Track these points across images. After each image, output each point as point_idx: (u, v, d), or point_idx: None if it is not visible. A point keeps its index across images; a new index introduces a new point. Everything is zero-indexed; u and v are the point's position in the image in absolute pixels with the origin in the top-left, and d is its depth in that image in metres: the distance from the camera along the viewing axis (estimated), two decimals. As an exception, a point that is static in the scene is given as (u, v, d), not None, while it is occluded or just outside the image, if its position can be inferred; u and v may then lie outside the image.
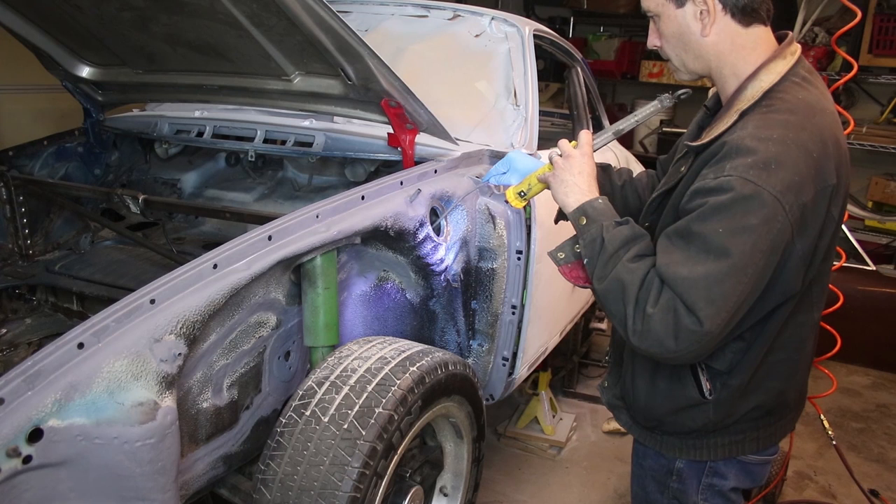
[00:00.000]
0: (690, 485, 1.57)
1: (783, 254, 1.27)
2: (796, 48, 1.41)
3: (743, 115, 1.35)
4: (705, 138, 1.39)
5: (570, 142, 1.60)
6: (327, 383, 1.67)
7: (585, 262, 1.43)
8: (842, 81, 3.34)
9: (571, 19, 6.64)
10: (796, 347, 1.46)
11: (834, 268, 2.90)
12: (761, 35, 1.40)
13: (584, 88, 3.48)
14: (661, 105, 1.59)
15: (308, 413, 1.62)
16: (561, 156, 1.57)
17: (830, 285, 2.87)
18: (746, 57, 1.39)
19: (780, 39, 1.42)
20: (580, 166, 1.52)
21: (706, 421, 1.47)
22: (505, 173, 1.80)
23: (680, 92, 1.59)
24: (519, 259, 2.31)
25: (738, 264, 1.22)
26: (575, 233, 1.48)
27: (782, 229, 1.23)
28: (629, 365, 1.57)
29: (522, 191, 1.75)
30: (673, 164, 1.54)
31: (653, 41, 1.50)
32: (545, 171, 1.63)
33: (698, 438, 1.51)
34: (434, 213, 2.09)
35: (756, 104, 1.35)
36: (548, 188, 1.61)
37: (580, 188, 1.50)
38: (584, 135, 1.57)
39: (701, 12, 1.37)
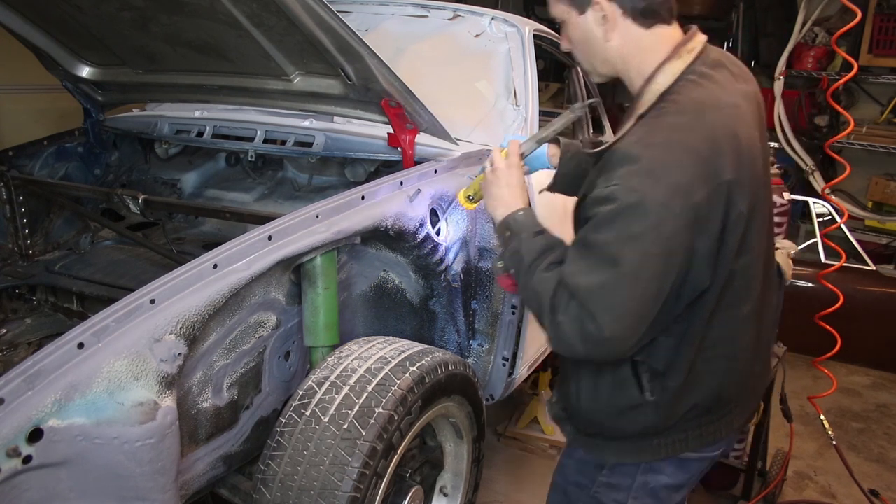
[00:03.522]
0: (623, 482, 1.54)
1: (685, 254, 1.28)
2: (696, 44, 1.40)
3: (640, 118, 1.37)
4: (604, 146, 1.41)
5: (502, 151, 1.61)
6: (327, 383, 1.67)
7: (512, 272, 1.47)
8: (842, 81, 3.34)
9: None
10: (728, 343, 1.45)
11: (834, 268, 2.92)
12: (664, 35, 1.40)
13: (584, 88, 3.48)
14: (574, 114, 1.61)
15: (308, 413, 1.62)
16: (492, 167, 1.59)
17: (830, 285, 2.90)
18: (648, 59, 1.39)
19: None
20: (506, 178, 1.55)
21: (647, 424, 1.46)
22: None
23: (590, 101, 1.65)
24: (519, 259, 2.31)
25: (630, 272, 1.25)
26: None
27: (674, 233, 1.25)
28: (573, 374, 1.56)
29: (470, 195, 1.78)
30: (591, 170, 1.52)
31: (564, 45, 1.53)
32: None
33: (640, 441, 1.50)
34: (434, 213, 2.09)
35: (651, 108, 1.35)
36: None
37: (505, 201, 1.53)
38: (511, 145, 1.59)
39: (602, 17, 1.39)
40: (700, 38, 1.41)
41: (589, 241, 1.30)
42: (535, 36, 2.83)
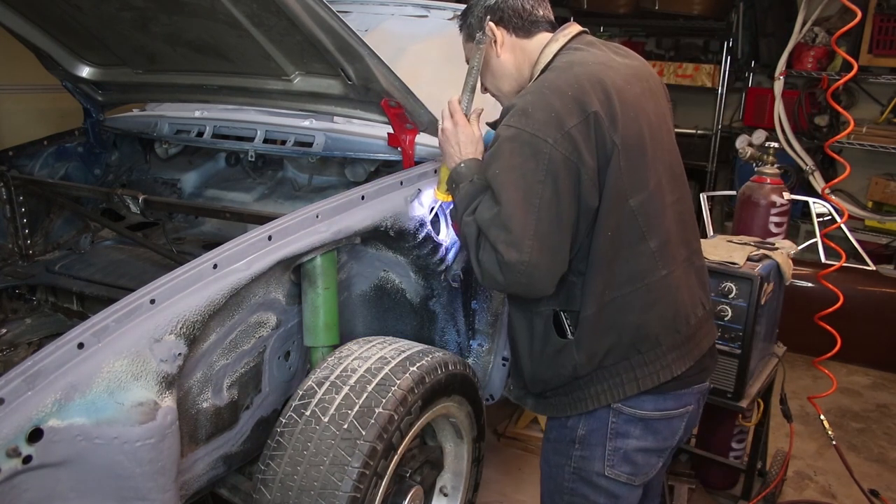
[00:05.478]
0: (595, 452, 1.60)
1: (571, 179, 1.43)
2: (571, 31, 1.66)
3: None
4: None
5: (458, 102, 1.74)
6: (327, 383, 1.67)
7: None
8: (842, 81, 3.33)
9: (571, 19, 6.63)
10: (640, 279, 1.53)
11: (834, 268, 2.92)
12: (546, 38, 1.66)
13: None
14: (479, 45, 1.70)
15: (308, 413, 1.62)
16: (441, 128, 1.76)
17: (830, 285, 2.90)
18: (534, 54, 1.66)
19: None
20: (454, 136, 1.71)
21: (575, 363, 1.54)
22: None
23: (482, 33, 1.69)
24: (519, 259, 2.31)
25: (516, 199, 1.40)
26: None
27: (553, 158, 1.41)
28: (515, 343, 1.67)
29: (445, 188, 1.83)
30: None
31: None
32: None
33: (580, 390, 1.58)
34: (434, 213, 2.09)
35: (537, 78, 1.59)
36: None
37: (453, 158, 1.70)
38: (451, 104, 1.75)
39: (493, 41, 1.67)
40: (574, 28, 1.68)
41: (486, 180, 1.49)
42: (535, 36, 2.82)
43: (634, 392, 1.55)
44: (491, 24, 1.67)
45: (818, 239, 3.93)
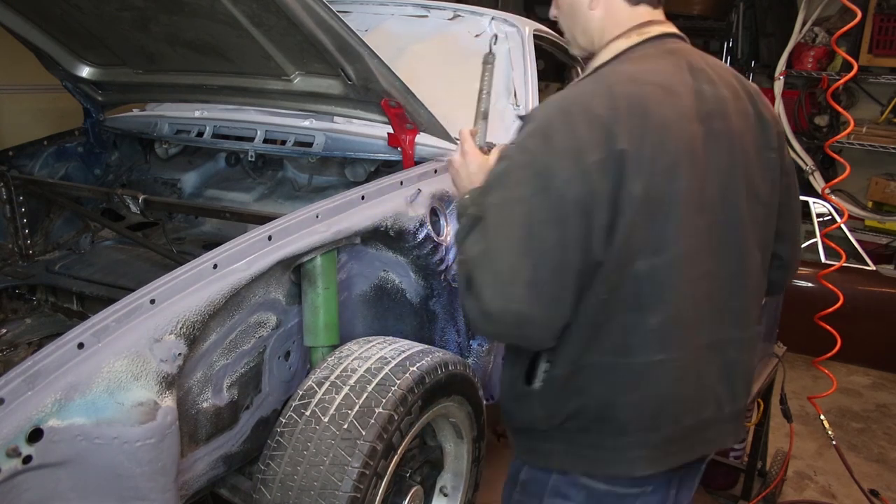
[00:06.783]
0: (530, 500, 1.44)
1: (581, 223, 1.18)
2: (649, 31, 1.36)
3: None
4: None
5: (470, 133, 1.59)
6: (327, 383, 1.67)
7: None
8: (842, 81, 3.34)
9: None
10: (624, 355, 1.28)
11: (834, 268, 2.92)
12: (643, 15, 1.36)
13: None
14: (489, 64, 1.59)
15: (308, 413, 1.62)
16: (449, 161, 1.59)
17: (830, 285, 2.89)
18: (608, 41, 1.38)
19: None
20: (464, 168, 1.52)
21: (533, 417, 1.36)
22: None
23: (491, 40, 1.58)
24: (519, 259, 2.31)
25: (514, 236, 1.18)
26: None
27: (564, 196, 1.17)
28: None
29: None
30: None
31: (552, 11, 1.49)
32: None
33: (537, 441, 1.40)
34: (434, 213, 2.09)
35: (581, 79, 1.36)
36: None
37: (462, 188, 1.52)
38: (461, 135, 1.57)
39: None
40: (659, 28, 1.37)
41: (484, 205, 1.24)
42: (535, 36, 2.82)
43: (584, 470, 1.34)
44: None
45: (818, 239, 3.94)
